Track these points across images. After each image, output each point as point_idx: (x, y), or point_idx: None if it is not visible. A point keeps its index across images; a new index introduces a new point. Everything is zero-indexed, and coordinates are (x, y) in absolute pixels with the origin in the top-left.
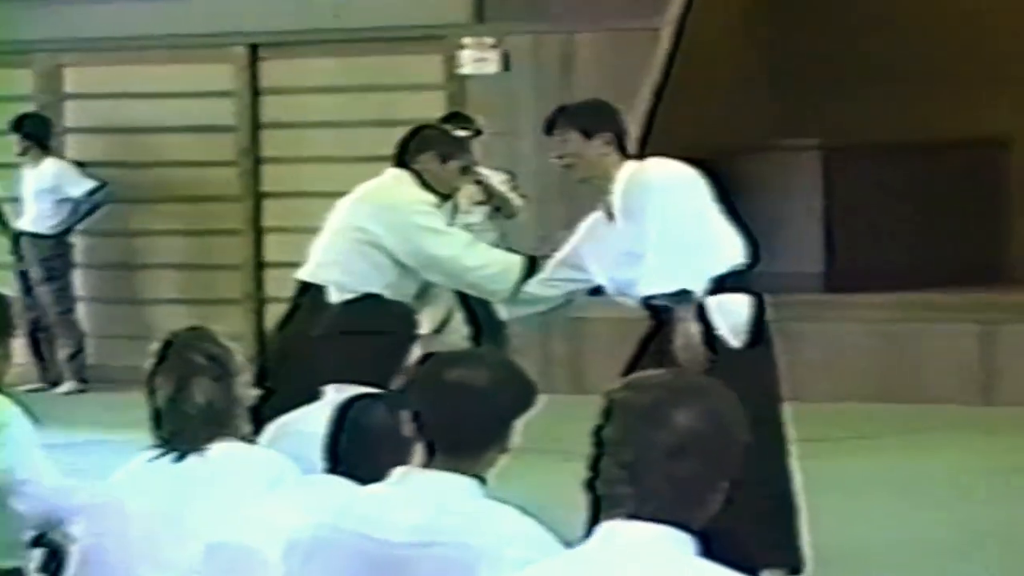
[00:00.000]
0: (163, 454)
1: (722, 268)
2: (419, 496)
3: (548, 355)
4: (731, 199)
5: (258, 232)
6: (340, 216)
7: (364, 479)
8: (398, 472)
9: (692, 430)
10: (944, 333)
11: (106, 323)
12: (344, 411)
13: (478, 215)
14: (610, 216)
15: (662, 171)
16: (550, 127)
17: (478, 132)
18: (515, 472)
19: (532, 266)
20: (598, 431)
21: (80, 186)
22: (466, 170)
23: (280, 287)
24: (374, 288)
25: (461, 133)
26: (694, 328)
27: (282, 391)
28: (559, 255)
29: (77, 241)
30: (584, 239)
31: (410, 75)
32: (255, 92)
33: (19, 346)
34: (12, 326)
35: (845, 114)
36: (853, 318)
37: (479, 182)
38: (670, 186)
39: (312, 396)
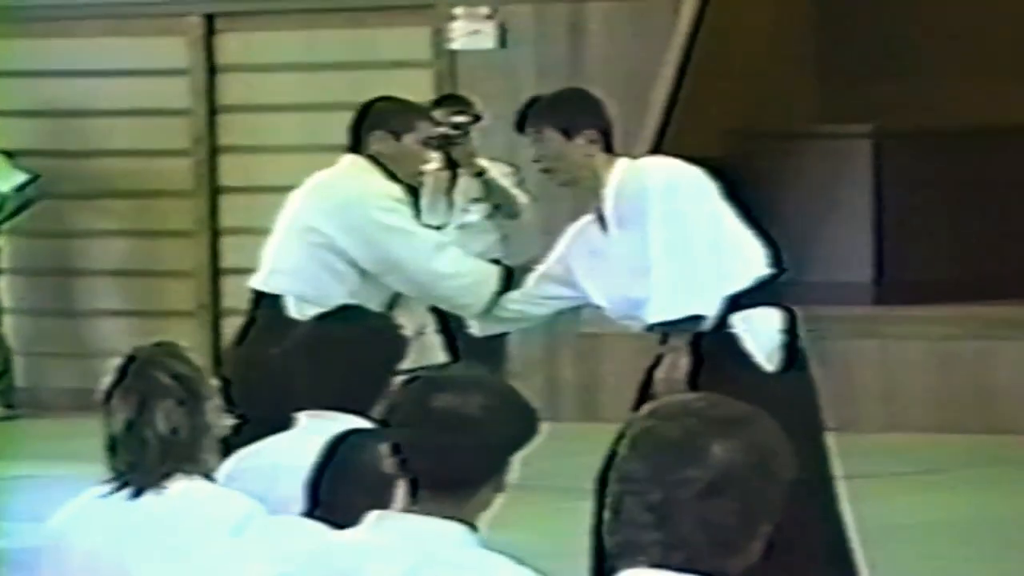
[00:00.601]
0: (116, 489)
1: (744, 281)
2: (399, 545)
3: (554, 377)
4: (745, 199)
5: (214, 233)
6: (291, 213)
7: (345, 526)
8: (374, 516)
9: (730, 466)
10: (1017, 352)
11: (37, 339)
12: (334, 447)
13: (476, 214)
14: (602, 223)
15: (662, 172)
16: (522, 123)
17: (477, 118)
18: (513, 514)
19: (509, 279)
20: (616, 466)
21: (7, 179)
22: (429, 143)
23: (239, 297)
24: (334, 299)
25: (458, 119)
26: (684, 362)
27: (243, 417)
28: (543, 268)
29: (3, 243)
30: (574, 251)
31: (391, 50)
32: (211, 70)
33: None
34: None
35: (900, 98)
36: (909, 335)
37: (478, 175)
38: (673, 189)
39: (279, 424)
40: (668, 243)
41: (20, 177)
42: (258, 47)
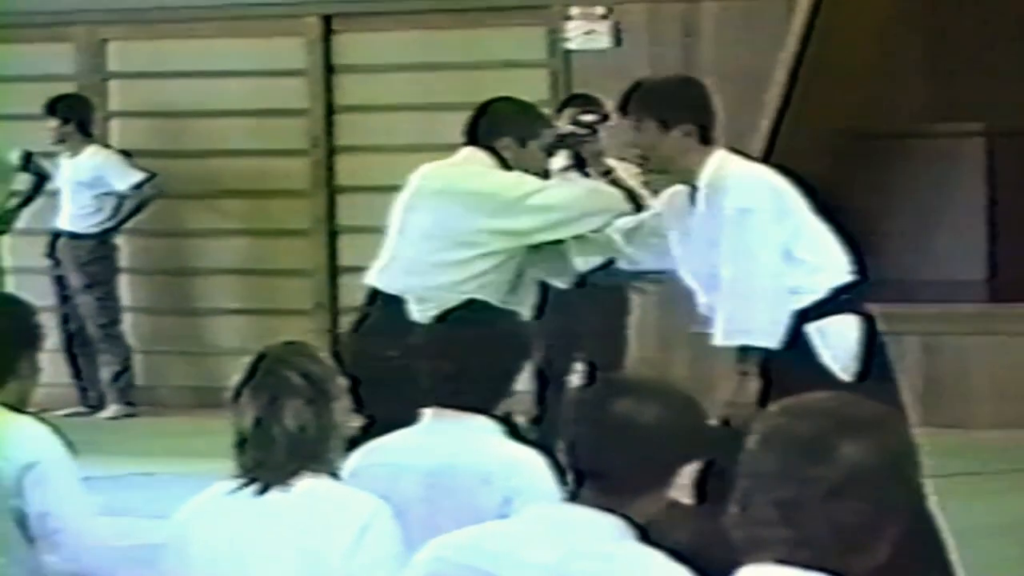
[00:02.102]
0: (242, 486)
1: (819, 292)
2: (552, 533)
3: (668, 376)
4: (826, 203)
5: (331, 232)
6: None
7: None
8: (532, 508)
9: (859, 466)
10: None
11: (156, 337)
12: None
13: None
14: (692, 199)
15: (745, 182)
16: (624, 107)
17: (605, 117)
18: None
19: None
20: (744, 461)
21: (125, 179)
22: (554, 149)
23: (356, 295)
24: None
25: (586, 118)
26: (752, 386)
27: (372, 418)
28: (644, 216)
29: (122, 242)
30: (667, 212)
31: (506, 50)
32: (328, 70)
33: (54, 364)
34: (38, 338)
35: (1011, 95)
36: (1023, 332)
37: (605, 174)
38: (751, 207)
39: (403, 420)
40: (736, 263)
41: (137, 176)
42: (374, 48)
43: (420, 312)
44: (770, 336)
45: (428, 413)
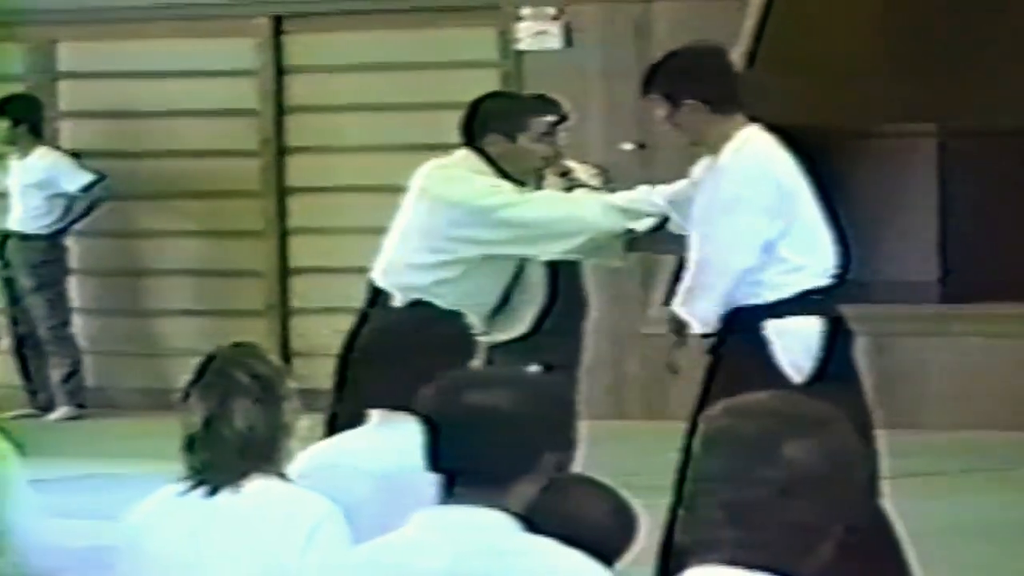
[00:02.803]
0: (192, 487)
1: (789, 290)
2: (443, 537)
3: (620, 374)
4: (830, 197)
5: (283, 233)
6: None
7: None
8: (418, 514)
9: (806, 466)
10: None
11: (106, 338)
12: None
13: None
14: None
15: (750, 171)
16: (646, 87)
17: (564, 118)
18: None
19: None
20: (690, 463)
21: (76, 179)
22: (545, 137)
23: (308, 297)
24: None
25: (546, 119)
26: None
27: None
28: (682, 183)
29: (72, 244)
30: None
31: (458, 51)
32: (279, 71)
33: (4, 365)
34: None
35: (965, 96)
36: (975, 332)
37: (563, 174)
38: (744, 196)
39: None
40: (707, 244)
41: (87, 178)
42: (325, 48)
43: None
44: (701, 323)
45: (375, 415)
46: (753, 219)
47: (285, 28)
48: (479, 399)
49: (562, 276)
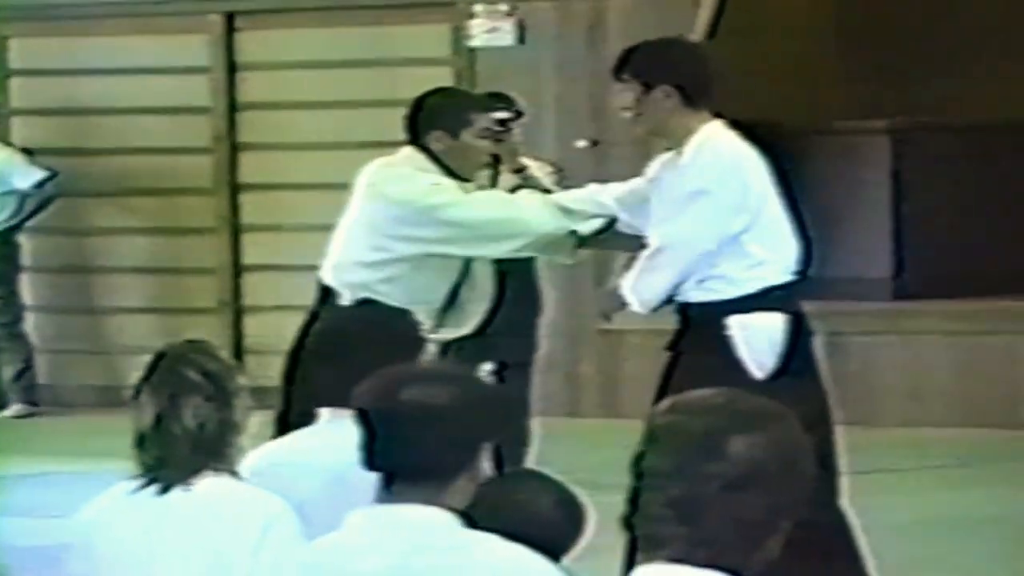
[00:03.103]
0: (144, 485)
1: (751, 287)
2: (386, 537)
3: (575, 373)
4: (792, 192)
5: (235, 230)
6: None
7: None
8: (357, 514)
9: (752, 461)
10: None
11: (59, 336)
12: None
13: None
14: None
15: (714, 166)
16: (617, 72)
17: (519, 114)
18: None
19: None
20: (639, 461)
21: (27, 177)
22: (486, 135)
23: (260, 294)
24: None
25: (500, 115)
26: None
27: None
28: (637, 181)
29: (24, 241)
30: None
31: (411, 48)
32: (231, 68)
33: None
34: None
35: (920, 92)
36: (929, 330)
37: (518, 171)
38: (708, 189)
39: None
40: (666, 235)
41: (38, 175)
42: (278, 45)
43: None
44: (644, 306)
45: (325, 413)
46: (718, 213)
47: (237, 25)
48: (414, 395)
49: (516, 274)
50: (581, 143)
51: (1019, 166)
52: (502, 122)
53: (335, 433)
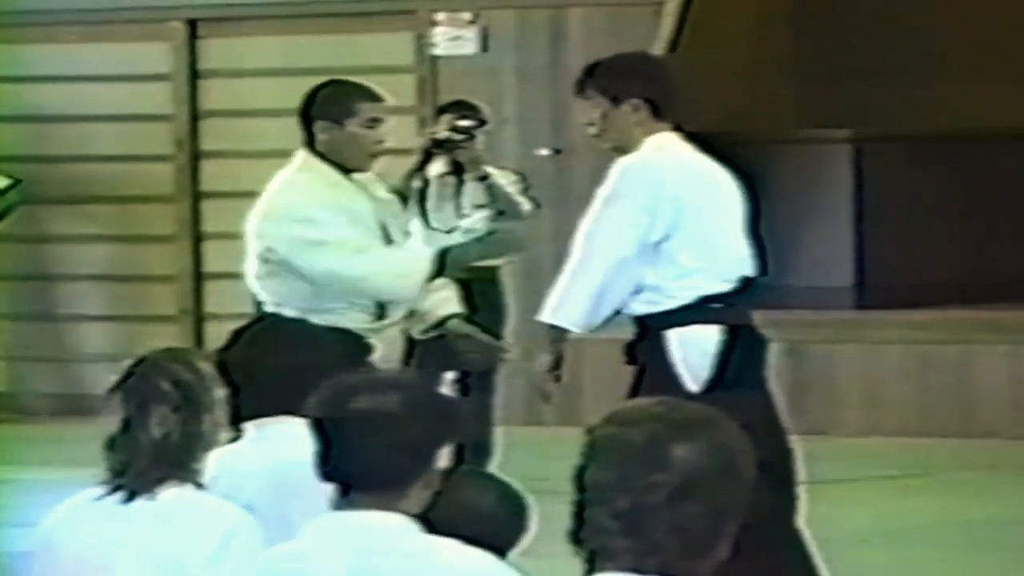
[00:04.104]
0: (109, 492)
1: (682, 298)
2: (340, 542)
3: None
4: (756, 201)
5: (196, 237)
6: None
7: None
8: (313, 522)
9: (695, 468)
10: (998, 356)
11: (18, 343)
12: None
13: (480, 220)
14: None
15: (628, 170)
16: (580, 88)
17: (482, 122)
18: None
19: (441, 266)
20: (581, 475)
21: None
22: (432, 154)
23: (222, 302)
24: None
25: (464, 123)
26: (544, 360)
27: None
28: None
29: None
30: None
31: (374, 56)
32: (193, 75)
33: None
34: None
35: (880, 102)
36: (889, 339)
37: (482, 179)
38: (619, 194)
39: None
40: (579, 245)
41: (1, 182)
42: (240, 52)
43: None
44: (575, 324)
45: (250, 426)
46: (628, 213)
47: (200, 32)
48: (364, 403)
49: (480, 282)
50: (543, 151)
51: (977, 175)
52: (465, 130)
53: (267, 439)
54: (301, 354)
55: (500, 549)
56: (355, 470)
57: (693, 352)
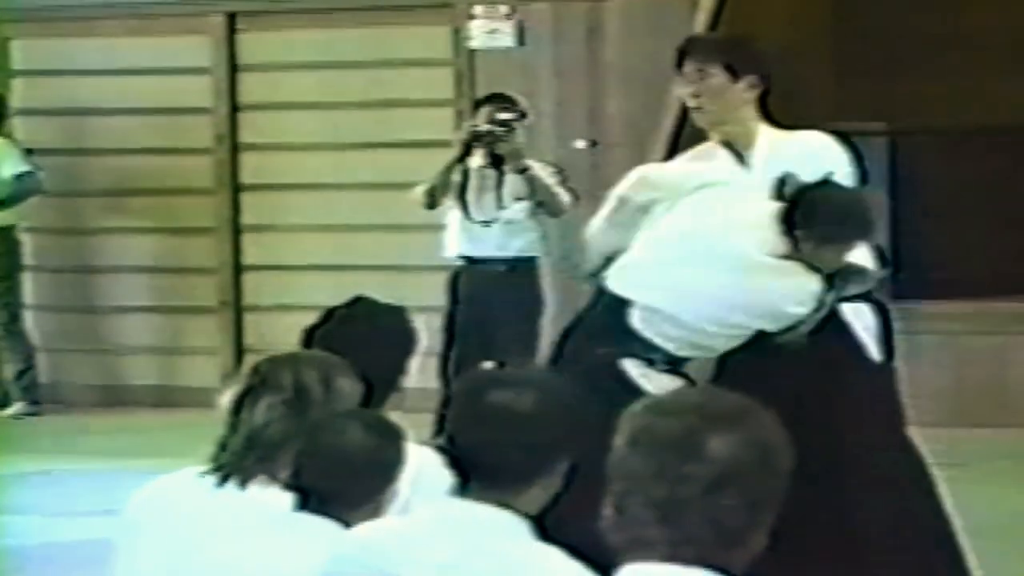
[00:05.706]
0: (211, 471)
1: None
2: (451, 531)
3: None
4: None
5: (236, 230)
6: None
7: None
8: (425, 506)
9: (731, 460)
10: None
11: (60, 335)
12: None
13: (520, 211)
14: (741, 160)
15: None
16: (683, 57)
17: (523, 115)
18: None
19: None
20: (615, 463)
21: (12, 167)
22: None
23: (261, 293)
24: None
25: (504, 116)
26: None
27: None
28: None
29: (26, 239)
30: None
31: (410, 49)
32: (233, 68)
33: None
34: None
35: (917, 95)
36: (925, 330)
37: (522, 171)
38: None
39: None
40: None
41: (22, 167)
42: (279, 46)
43: None
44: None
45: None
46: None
47: (239, 26)
48: (500, 398)
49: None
50: (580, 144)
51: (1013, 169)
52: (505, 123)
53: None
54: (370, 344)
55: (386, 477)
56: (478, 462)
57: (858, 325)
